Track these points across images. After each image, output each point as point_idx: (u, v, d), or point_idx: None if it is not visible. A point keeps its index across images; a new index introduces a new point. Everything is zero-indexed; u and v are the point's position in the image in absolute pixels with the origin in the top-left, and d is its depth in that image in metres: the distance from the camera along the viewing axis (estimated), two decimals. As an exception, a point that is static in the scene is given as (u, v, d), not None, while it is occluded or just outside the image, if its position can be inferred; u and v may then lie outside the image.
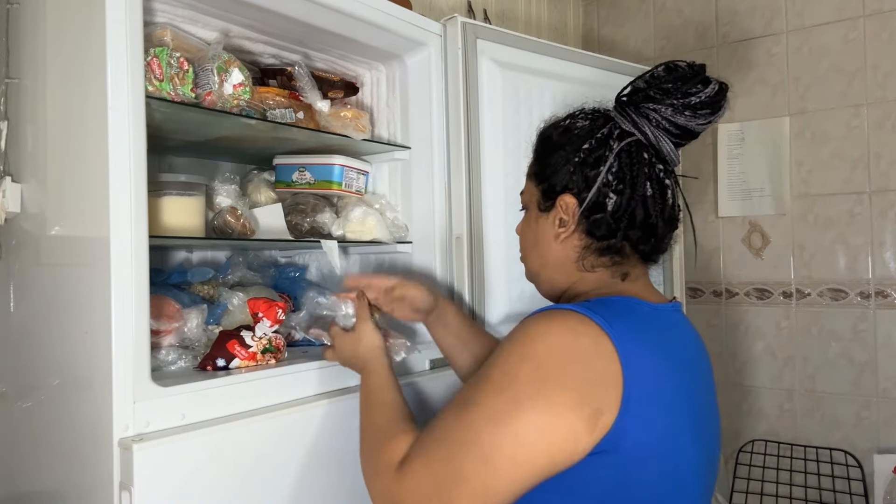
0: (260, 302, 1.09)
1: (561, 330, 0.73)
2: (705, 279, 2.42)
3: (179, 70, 1.05)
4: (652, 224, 0.85)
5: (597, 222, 0.85)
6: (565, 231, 0.87)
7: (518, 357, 0.73)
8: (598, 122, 0.88)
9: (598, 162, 0.84)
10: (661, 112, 0.84)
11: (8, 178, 1.06)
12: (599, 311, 0.74)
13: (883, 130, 2.11)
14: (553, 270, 0.91)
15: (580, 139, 0.87)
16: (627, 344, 0.72)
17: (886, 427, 2.10)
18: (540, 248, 0.91)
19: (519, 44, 1.50)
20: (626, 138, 0.85)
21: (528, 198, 0.94)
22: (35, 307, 1.04)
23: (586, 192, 0.84)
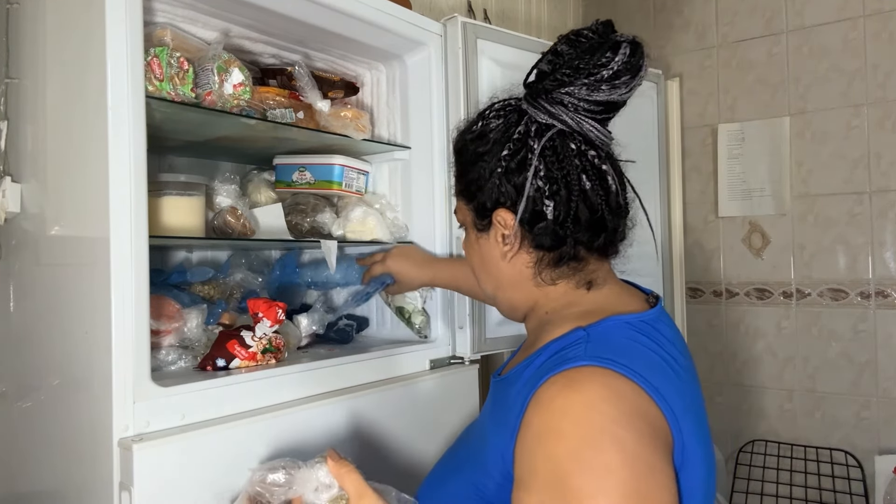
0: (260, 302, 1.09)
1: (604, 396, 0.63)
2: (705, 279, 2.42)
3: (179, 70, 1.05)
4: (600, 219, 0.76)
5: (541, 233, 0.76)
6: (510, 249, 0.79)
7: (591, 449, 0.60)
8: (512, 118, 0.78)
9: (521, 167, 0.75)
10: (576, 94, 0.74)
11: (8, 178, 1.06)
12: (607, 355, 0.67)
13: (883, 130, 2.11)
14: (510, 290, 0.83)
15: (498, 145, 0.77)
16: (650, 380, 0.66)
17: (886, 427, 2.10)
18: (489, 269, 0.83)
19: (519, 44, 1.50)
20: (545, 132, 0.75)
21: (463, 217, 0.85)
22: (35, 307, 1.04)
23: (519, 204, 0.75)
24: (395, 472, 1.18)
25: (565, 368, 0.66)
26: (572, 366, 0.66)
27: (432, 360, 1.34)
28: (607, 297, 0.80)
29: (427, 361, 1.33)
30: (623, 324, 0.74)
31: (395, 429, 1.19)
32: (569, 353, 0.69)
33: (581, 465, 0.60)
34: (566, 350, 0.70)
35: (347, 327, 1.39)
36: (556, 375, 0.66)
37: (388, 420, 1.18)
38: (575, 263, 0.78)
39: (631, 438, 0.61)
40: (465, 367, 1.39)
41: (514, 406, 0.70)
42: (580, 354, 0.68)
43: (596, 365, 0.66)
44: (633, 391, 0.64)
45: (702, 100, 2.42)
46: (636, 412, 0.63)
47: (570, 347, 0.70)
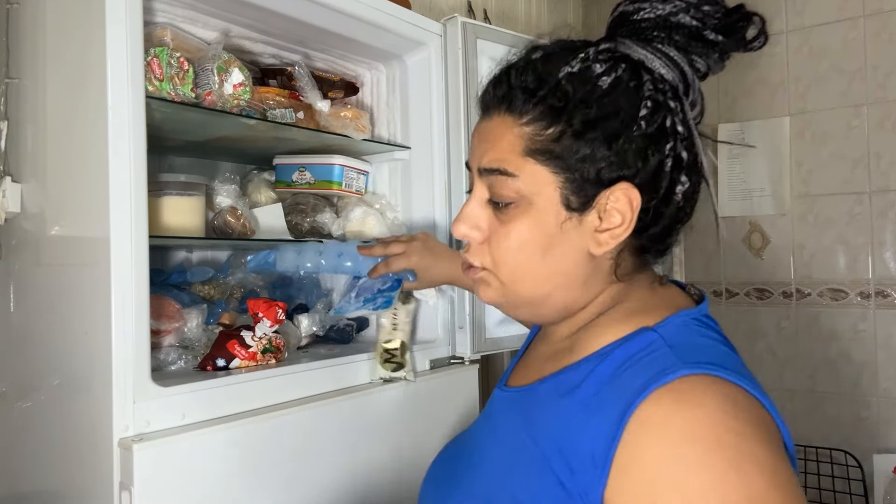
0: (260, 302, 1.09)
1: (726, 409, 0.52)
2: (705, 279, 2.42)
3: (179, 70, 1.05)
4: (694, 203, 0.65)
5: (657, 216, 0.61)
6: (616, 234, 0.60)
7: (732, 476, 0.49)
8: (624, 67, 0.60)
9: (664, 134, 0.59)
10: (708, 59, 0.63)
11: (8, 178, 1.06)
12: (704, 359, 0.56)
13: (883, 130, 2.11)
14: (576, 289, 0.64)
15: (628, 100, 0.59)
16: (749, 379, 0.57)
17: (886, 427, 2.10)
18: (551, 262, 0.62)
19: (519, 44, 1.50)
20: (678, 95, 0.61)
21: (530, 186, 0.61)
22: (35, 307, 1.04)
23: (649, 179, 0.59)
24: (395, 471, 1.18)
25: (667, 381, 0.53)
26: (675, 376, 0.53)
27: (432, 360, 1.34)
28: (663, 287, 0.68)
29: (427, 361, 1.33)
30: (690, 320, 0.63)
31: (395, 429, 1.19)
32: (658, 362, 0.56)
33: (725, 497, 0.48)
34: (647, 357, 0.57)
35: (347, 327, 1.39)
36: (657, 391, 0.53)
37: (388, 420, 1.18)
38: (647, 256, 0.65)
39: (765, 454, 0.51)
40: (465, 367, 1.39)
41: (581, 429, 0.56)
42: (675, 362, 0.55)
43: (701, 373, 0.54)
44: (746, 398, 0.54)
45: (702, 100, 2.42)
46: (758, 421, 0.53)
47: (653, 354, 0.57)
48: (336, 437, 1.08)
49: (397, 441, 1.19)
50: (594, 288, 0.64)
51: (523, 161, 0.60)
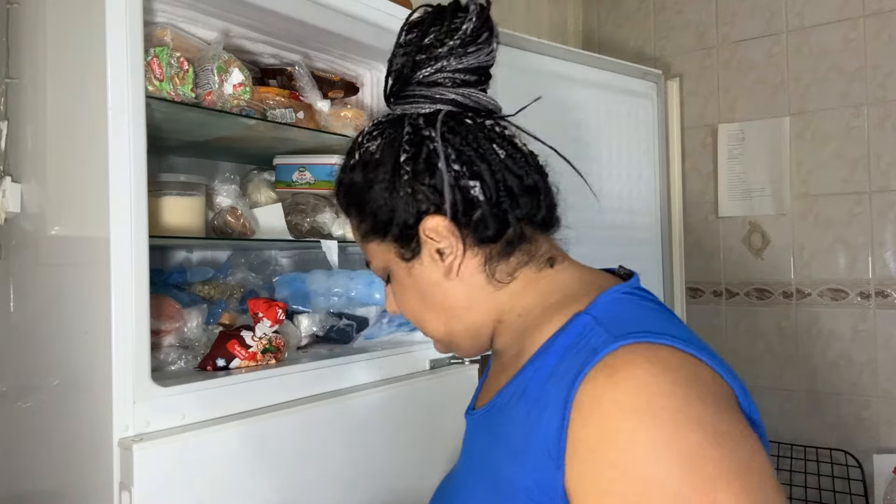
0: (260, 302, 1.09)
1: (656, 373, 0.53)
2: (705, 279, 2.42)
3: (179, 70, 1.05)
4: (531, 185, 0.68)
5: (480, 222, 0.65)
6: (454, 257, 0.66)
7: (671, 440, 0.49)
8: (389, 131, 0.68)
9: (428, 162, 0.65)
10: (447, 69, 0.67)
11: (8, 178, 1.06)
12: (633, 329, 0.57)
13: (883, 130, 2.11)
14: (467, 314, 0.70)
15: (390, 156, 0.67)
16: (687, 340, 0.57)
17: (886, 427, 2.10)
18: (435, 302, 0.70)
19: (519, 44, 1.50)
20: (435, 119, 0.66)
21: (382, 261, 0.71)
22: (35, 307, 1.04)
23: (444, 201, 0.64)
24: (395, 472, 1.18)
25: (598, 359, 0.55)
26: (604, 353, 0.55)
27: (432, 360, 1.34)
28: (579, 273, 0.70)
29: (427, 361, 1.33)
30: (620, 295, 0.64)
31: (394, 429, 1.19)
32: (590, 343, 0.58)
33: (667, 463, 0.49)
34: (582, 341, 0.59)
35: (347, 327, 1.39)
36: (590, 371, 0.54)
37: (387, 420, 1.18)
38: (527, 245, 0.68)
39: (703, 410, 0.51)
40: (465, 367, 1.39)
41: (534, 428, 0.57)
42: (605, 339, 0.56)
43: (631, 342, 0.55)
44: (679, 358, 0.55)
45: (702, 100, 2.42)
46: (694, 379, 0.53)
47: (586, 336, 0.59)
48: (336, 438, 1.08)
49: (397, 441, 1.19)
50: (485, 302, 0.69)
51: (365, 247, 0.73)
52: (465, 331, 0.71)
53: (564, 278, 0.69)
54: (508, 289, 0.69)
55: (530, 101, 0.81)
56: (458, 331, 0.72)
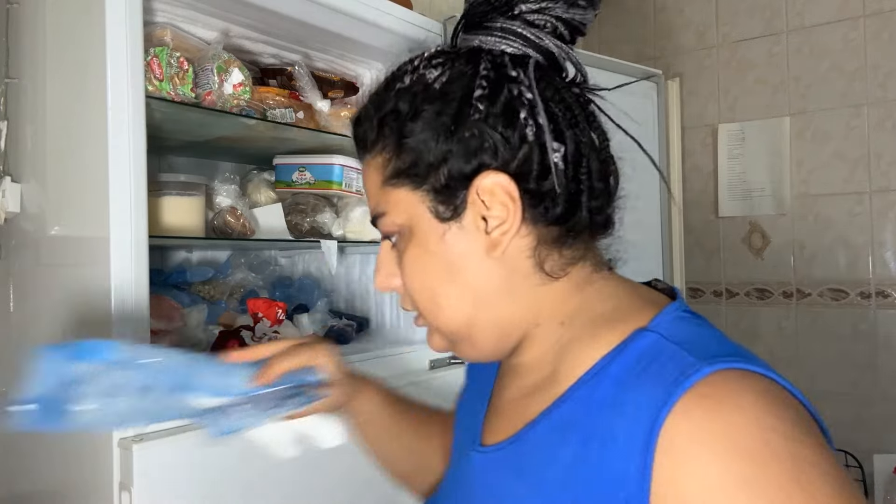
0: (260, 302, 1.09)
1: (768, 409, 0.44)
2: (705, 279, 2.42)
3: (179, 70, 1.05)
4: (609, 174, 0.58)
5: (548, 196, 0.53)
6: (506, 230, 0.53)
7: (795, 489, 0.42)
8: (460, 61, 0.55)
9: (509, 109, 0.53)
10: (551, 11, 0.55)
11: (8, 178, 1.06)
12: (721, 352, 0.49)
13: (883, 130, 2.11)
14: (500, 304, 0.56)
15: (457, 91, 0.53)
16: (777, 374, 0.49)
17: (886, 427, 2.10)
18: (464, 281, 0.55)
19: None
20: (525, 63, 0.54)
21: (405, 216, 0.56)
22: (35, 307, 1.04)
23: (515, 159, 0.53)
24: (395, 472, 1.18)
25: (691, 384, 0.45)
26: (699, 377, 0.46)
27: (432, 360, 1.34)
28: (631, 284, 0.60)
29: (427, 361, 1.33)
30: (682, 313, 0.56)
31: (395, 429, 1.19)
32: (668, 366, 0.48)
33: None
34: (655, 364, 0.49)
35: (347, 327, 1.39)
36: (680, 401, 0.45)
37: (388, 420, 1.18)
38: (582, 243, 0.57)
39: (819, 456, 0.44)
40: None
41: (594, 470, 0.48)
42: (693, 361, 0.47)
43: (726, 367, 0.46)
44: (780, 391, 0.47)
45: (702, 100, 2.42)
46: (800, 418, 0.46)
47: (660, 358, 0.49)
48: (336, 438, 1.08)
49: (397, 441, 1.19)
50: (525, 296, 0.56)
51: (385, 193, 0.57)
52: (492, 324, 0.57)
53: (617, 286, 0.59)
54: (555, 287, 0.56)
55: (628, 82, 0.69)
56: (484, 322, 0.56)
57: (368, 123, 0.58)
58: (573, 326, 0.56)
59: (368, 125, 0.58)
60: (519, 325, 0.57)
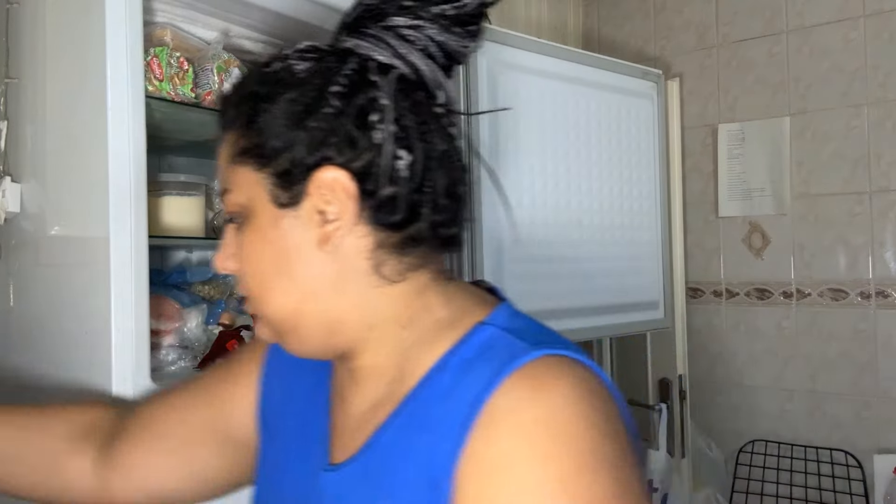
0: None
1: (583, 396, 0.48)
2: (705, 279, 2.42)
3: (179, 70, 1.05)
4: (458, 195, 0.58)
5: (388, 201, 0.54)
6: (339, 227, 0.54)
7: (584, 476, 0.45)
8: (329, 61, 0.56)
9: (362, 111, 0.53)
10: (426, 31, 0.55)
11: (8, 178, 1.06)
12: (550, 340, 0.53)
13: (883, 130, 2.11)
14: (330, 298, 0.56)
15: (316, 82, 0.54)
16: (599, 369, 0.53)
17: (886, 427, 2.10)
18: (294, 272, 0.55)
19: (519, 44, 1.50)
20: (389, 71, 0.55)
21: (246, 196, 0.56)
22: (35, 307, 1.04)
23: (359, 159, 0.53)
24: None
25: (517, 366, 0.49)
26: (526, 360, 0.49)
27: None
28: (470, 288, 0.62)
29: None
30: (514, 310, 0.59)
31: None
32: (502, 352, 0.51)
33: (572, 497, 0.44)
34: (489, 352, 0.52)
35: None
36: (507, 380, 0.48)
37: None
38: (423, 250, 0.57)
39: (618, 455, 0.47)
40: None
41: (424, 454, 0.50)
42: (523, 346, 0.51)
43: (554, 353, 0.50)
44: (599, 385, 0.51)
45: (702, 100, 2.42)
46: (612, 414, 0.50)
47: (496, 347, 0.52)
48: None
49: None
50: (358, 295, 0.56)
51: (232, 170, 0.57)
52: (319, 317, 0.56)
53: (456, 290, 0.60)
54: (393, 290, 0.56)
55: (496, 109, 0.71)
56: (312, 316, 0.56)
57: (229, 101, 0.58)
58: (415, 329, 0.57)
59: (229, 103, 0.58)
60: (349, 325, 0.57)
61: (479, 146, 1.41)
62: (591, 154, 1.65)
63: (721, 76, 2.39)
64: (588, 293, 1.63)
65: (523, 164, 1.49)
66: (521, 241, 1.45)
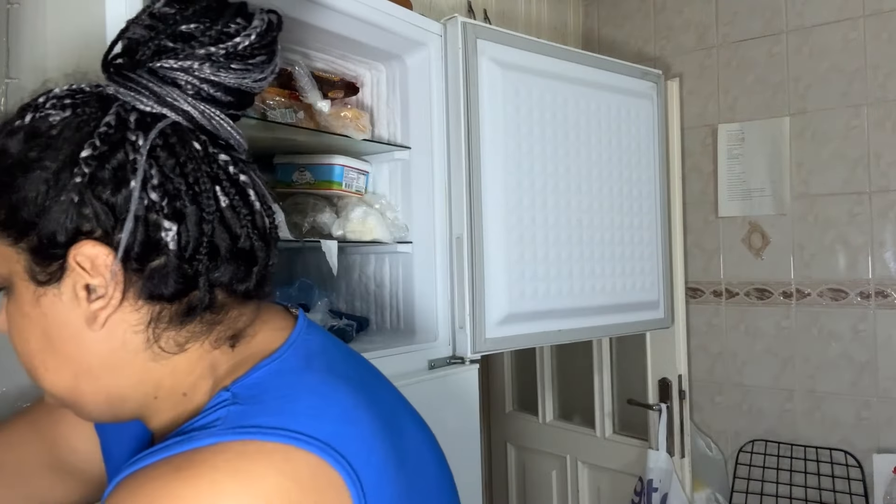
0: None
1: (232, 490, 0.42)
2: (705, 279, 2.42)
3: (179, 70, 1.05)
4: (245, 248, 0.53)
5: (158, 274, 0.50)
6: (105, 306, 0.50)
7: None
8: (89, 109, 0.50)
9: (119, 173, 0.48)
10: (195, 72, 0.51)
11: (8, 178, 1.06)
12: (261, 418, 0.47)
13: (883, 130, 2.11)
14: (107, 379, 0.53)
15: (70, 143, 0.49)
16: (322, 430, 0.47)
17: (886, 427, 2.10)
18: (63, 351, 0.52)
19: (519, 44, 1.50)
20: (154, 124, 0.50)
21: (3, 267, 0.52)
22: (35, 307, 1.04)
23: (120, 230, 0.48)
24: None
25: (178, 452, 0.44)
26: (194, 446, 0.45)
27: (431, 360, 1.34)
28: (259, 343, 0.56)
29: (426, 361, 1.33)
30: (284, 361, 0.54)
31: (394, 429, 1.19)
32: (197, 429, 0.47)
33: None
34: (198, 420, 0.48)
35: (347, 327, 1.39)
36: (166, 459, 0.44)
37: (387, 420, 1.18)
38: (211, 315, 0.53)
39: None
40: (465, 367, 1.39)
41: None
42: (213, 429, 0.46)
43: (238, 440, 0.45)
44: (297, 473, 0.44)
45: (702, 100, 2.42)
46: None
47: (203, 418, 0.48)
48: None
49: (397, 441, 1.19)
50: (136, 371, 0.52)
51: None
52: (97, 396, 0.53)
53: (242, 347, 0.55)
54: (172, 362, 0.53)
55: None
56: (89, 392, 0.53)
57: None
58: (196, 396, 0.54)
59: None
60: (131, 398, 0.54)
61: (479, 147, 1.41)
62: (591, 154, 1.65)
63: (721, 76, 2.39)
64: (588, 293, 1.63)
65: (523, 164, 1.49)
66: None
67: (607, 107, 1.70)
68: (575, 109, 1.62)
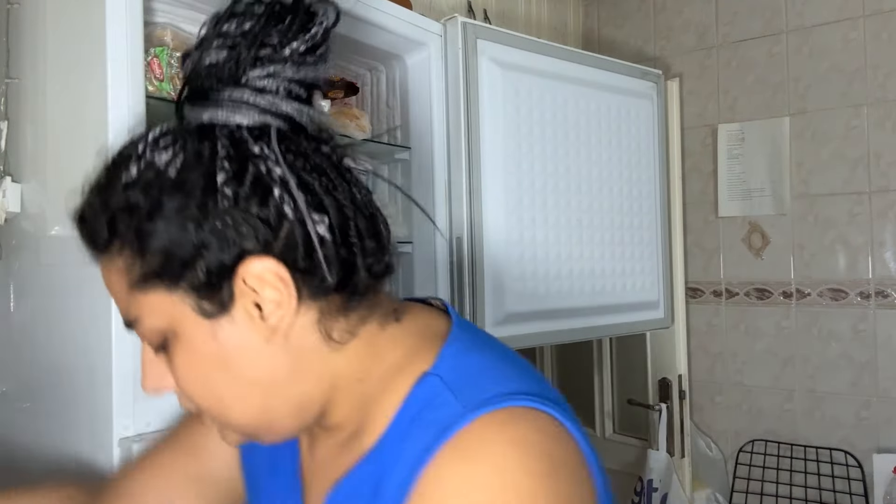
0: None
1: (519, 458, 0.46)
2: (705, 279, 2.42)
3: (180, 70, 1.05)
4: (378, 230, 0.55)
5: (322, 267, 0.51)
6: (283, 311, 0.51)
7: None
8: (192, 139, 0.51)
9: (259, 186, 0.49)
10: (282, 75, 0.52)
11: (8, 178, 1.06)
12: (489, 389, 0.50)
13: (883, 130, 2.11)
14: (294, 387, 0.54)
15: (197, 177, 0.49)
16: (549, 398, 0.51)
17: (886, 427, 2.10)
18: (246, 376, 0.52)
19: (519, 44, 1.50)
20: (266, 132, 0.51)
21: (165, 320, 0.52)
22: (35, 307, 1.04)
23: (277, 240, 0.50)
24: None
25: (448, 438, 0.47)
26: (459, 427, 0.47)
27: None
28: (417, 320, 0.60)
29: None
30: (461, 343, 0.57)
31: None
32: (438, 416, 0.49)
33: None
34: (427, 412, 0.51)
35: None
36: (438, 452, 0.47)
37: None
38: (369, 297, 0.55)
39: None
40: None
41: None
42: (457, 411, 0.49)
43: (488, 412, 0.48)
44: (540, 429, 0.48)
45: (702, 100, 2.42)
46: (559, 473, 0.47)
47: (434, 406, 0.51)
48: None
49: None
50: (319, 369, 0.54)
51: (135, 298, 0.52)
52: (288, 406, 0.54)
53: (404, 330, 0.58)
54: (347, 350, 0.55)
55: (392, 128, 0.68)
56: (279, 408, 0.54)
57: (97, 221, 0.52)
58: (371, 381, 0.56)
59: (97, 223, 0.52)
60: (316, 397, 0.55)
61: (479, 147, 1.41)
62: (591, 154, 1.65)
63: (721, 76, 2.39)
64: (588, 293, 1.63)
65: (523, 164, 1.49)
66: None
67: (607, 107, 1.70)
68: (575, 109, 1.62)
